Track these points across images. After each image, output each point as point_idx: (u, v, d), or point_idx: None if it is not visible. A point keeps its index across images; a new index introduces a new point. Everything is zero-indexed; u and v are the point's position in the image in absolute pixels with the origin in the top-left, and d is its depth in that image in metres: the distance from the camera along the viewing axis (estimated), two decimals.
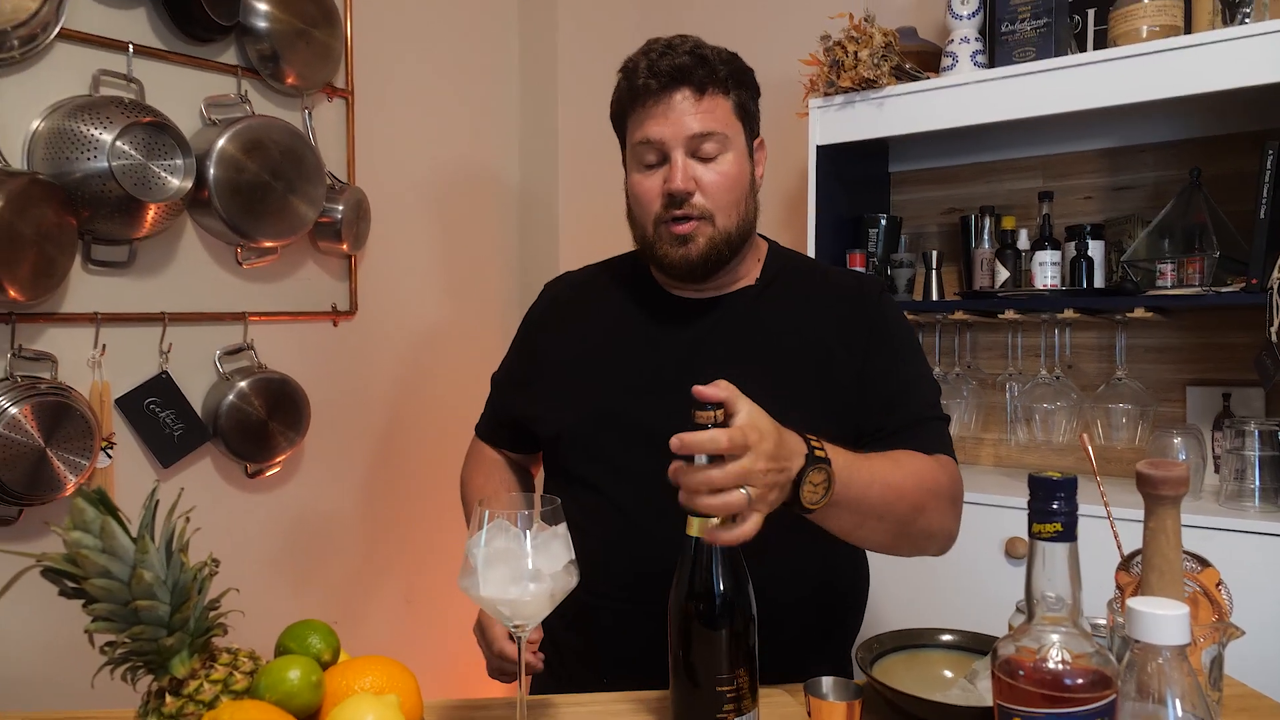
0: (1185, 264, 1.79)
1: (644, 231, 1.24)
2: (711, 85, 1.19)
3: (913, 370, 1.25)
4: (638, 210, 1.24)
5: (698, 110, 1.18)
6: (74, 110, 1.62)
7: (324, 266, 2.17)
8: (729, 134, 1.20)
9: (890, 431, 1.18)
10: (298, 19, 1.98)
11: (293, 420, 2.00)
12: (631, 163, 1.25)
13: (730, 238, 1.21)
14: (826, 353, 1.22)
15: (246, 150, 1.85)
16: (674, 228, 1.19)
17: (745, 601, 0.95)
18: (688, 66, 1.18)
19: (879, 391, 1.20)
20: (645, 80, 1.18)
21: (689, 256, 1.20)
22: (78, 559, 0.71)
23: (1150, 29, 1.75)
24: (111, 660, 0.74)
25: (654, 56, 1.19)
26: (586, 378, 1.28)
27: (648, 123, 1.19)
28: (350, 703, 0.72)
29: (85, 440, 1.61)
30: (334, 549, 2.21)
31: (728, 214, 1.20)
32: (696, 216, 1.19)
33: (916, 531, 1.13)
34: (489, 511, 0.91)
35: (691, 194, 1.18)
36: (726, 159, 1.20)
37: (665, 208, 1.19)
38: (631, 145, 1.23)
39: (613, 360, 1.27)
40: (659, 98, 1.18)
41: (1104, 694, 0.69)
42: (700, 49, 1.20)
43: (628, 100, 1.23)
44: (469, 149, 2.57)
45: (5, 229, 1.46)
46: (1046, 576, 0.72)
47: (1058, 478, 0.71)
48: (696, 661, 0.94)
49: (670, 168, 1.18)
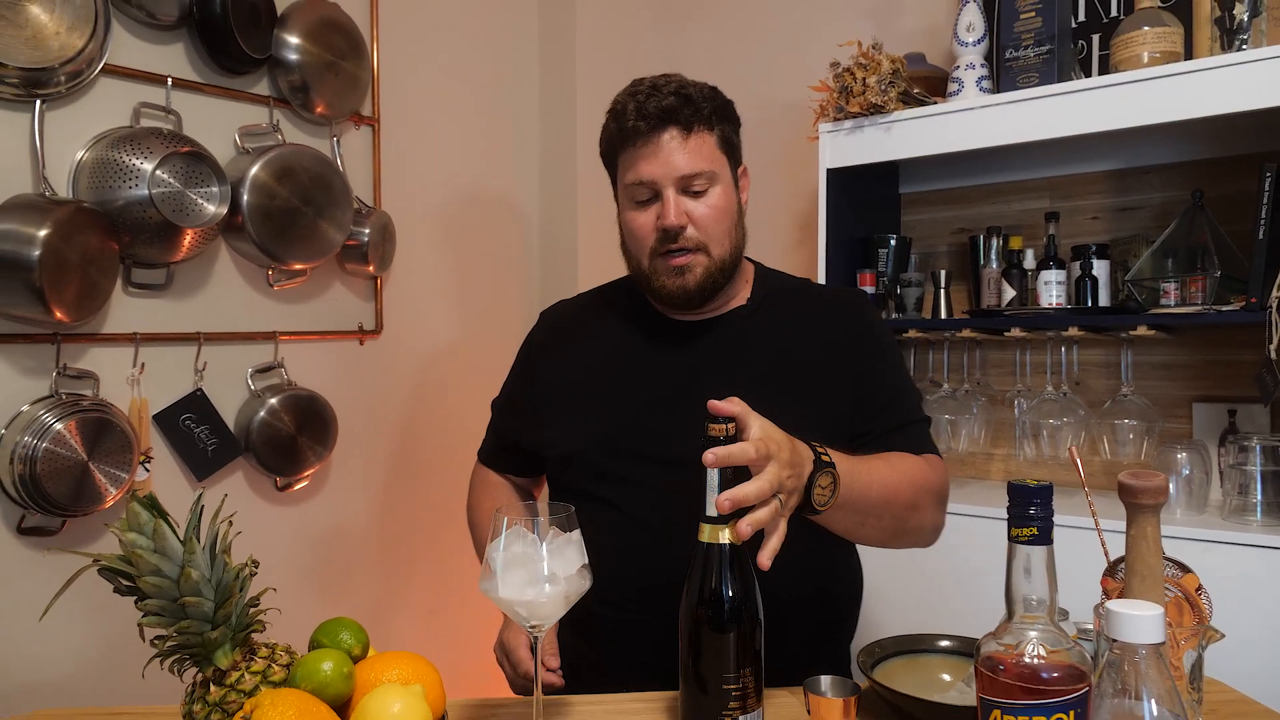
0: (1188, 283, 1.83)
1: (640, 264, 1.30)
2: (697, 123, 1.25)
3: (898, 377, 1.34)
4: (633, 245, 1.31)
5: (686, 149, 1.24)
6: (116, 141, 1.71)
7: (351, 287, 2.25)
8: (716, 169, 1.27)
9: (880, 434, 1.26)
10: (327, 51, 2.07)
11: (321, 435, 2.08)
12: (624, 200, 1.31)
13: (724, 265, 1.28)
14: (819, 364, 1.29)
15: (278, 177, 1.93)
16: (670, 260, 1.26)
17: (752, 605, 1.00)
18: (674, 107, 1.24)
19: (870, 398, 1.28)
20: (635, 122, 1.24)
21: (686, 287, 1.27)
22: (132, 558, 0.77)
23: (1151, 55, 1.80)
24: (161, 652, 0.80)
25: (641, 99, 1.25)
26: (593, 401, 1.33)
27: (639, 163, 1.25)
28: (379, 691, 0.78)
29: (125, 454, 1.69)
30: (360, 559, 2.28)
31: (720, 244, 1.27)
32: (692, 249, 1.25)
33: (911, 527, 1.21)
34: (507, 518, 0.97)
35: (685, 228, 1.25)
36: (715, 192, 1.27)
37: (660, 242, 1.26)
38: (624, 184, 1.30)
39: (617, 383, 1.33)
40: (648, 138, 1.24)
41: (1078, 687, 0.74)
42: (684, 89, 1.27)
43: (618, 141, 1.29)
44: (491, 174, 2.66)
45: (53, 255, 1.55)
46: (1024, 578, 0.77)
47: (1034, 485, 0.76)
48: (704, 661, 0.99)
49: (663, 205, 1.25)
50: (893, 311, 2.20)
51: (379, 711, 0.76)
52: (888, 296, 2.19)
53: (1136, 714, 0.75)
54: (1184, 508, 1.82)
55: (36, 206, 1.57)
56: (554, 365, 1.41)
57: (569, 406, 1.35)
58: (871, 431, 1.26)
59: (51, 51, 1.62)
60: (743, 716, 0.99)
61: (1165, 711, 0.75)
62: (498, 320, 2.65)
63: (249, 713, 0.74)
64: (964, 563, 1.93)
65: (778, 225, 2.61)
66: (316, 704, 0.76)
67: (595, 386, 1.34)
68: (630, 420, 1.29)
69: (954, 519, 1.94)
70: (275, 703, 0.74)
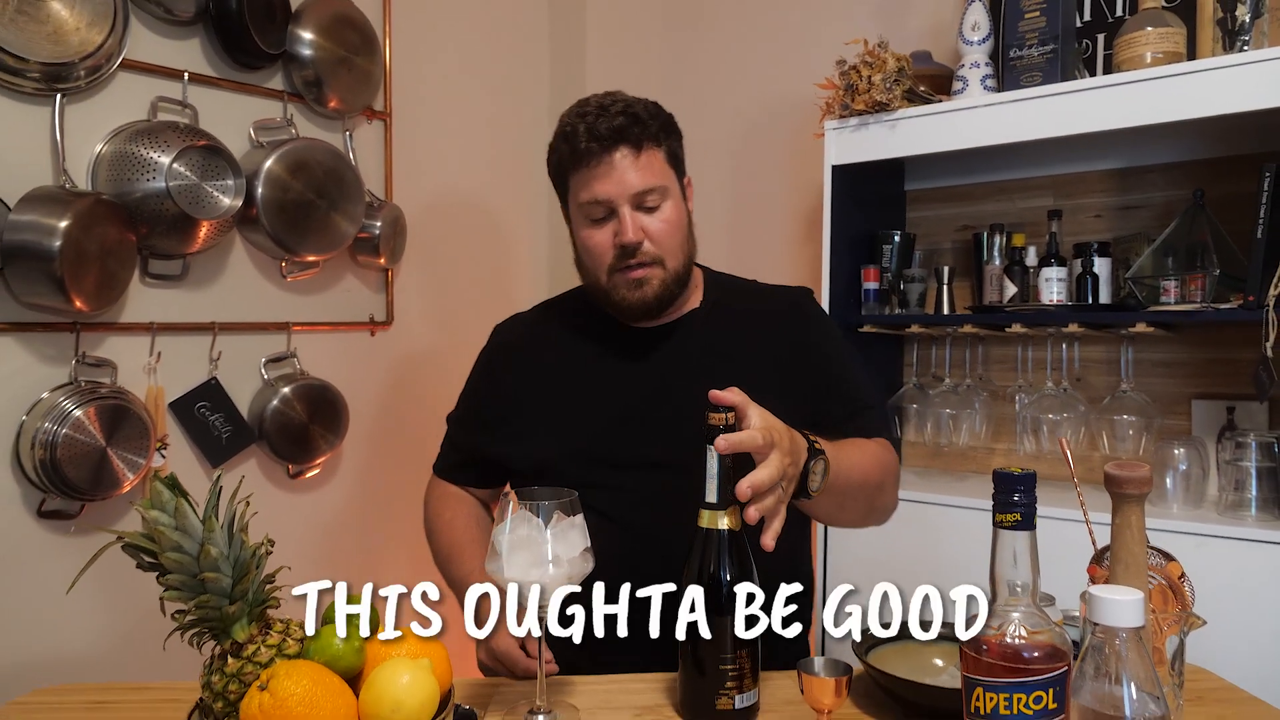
0: (1188, 281, 1.85)
1: (598, 280, 1.34)
2: (646, 140, 1.30)
3: (850, 365, 1.40)
4: (590, 261, 1.34)
5: (637, 167, 1.29)
6: (134, 135, 1.75)
7: (362, 279, 2.29)
8: (667, 184, 1.32)
9: (839, 419, 1.32)
10: (340, 47, 2.11)
11: (332, 425, 2.12)
12: (579, 219, 1.35)
13: (679, 275, 1.34)
14: (777, 358, 1.35)
15: (292, 171, 1.97)
16: (629, 274, 1.30)
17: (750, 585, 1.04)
18: (624, 126, 1.28)
19: (827, 385, 1.35)
20: (587, 144, 1.28)
21: (646, 299, 1.32)
22: (154, 535, 0.81)
23: (1154, 55, 1.82)
24: (181, 626, 0.84)
25: (590, 119, 1.29)
26: (560, 411, 1.37)
27: (593, 183, 1.29)
28: (388, 664, 0.81)
29: (142, 441, 1.73)
30: (370, 547, 2.32)
31: (675, 256, 1.33)
32: (649, 262, 1.30)
33: (877, 506, 1.30)
34: (513, 502, 1.01)
35: (641, 243, 1.29)
36: (667, 206, 1.32)
37: (619, 259, 1.30)
38: (578, 204, 1.33)
39: (583, 393, 1.37)
40: (601, 158, 1.28)
41: (1057, 665, 0.77)
42: (631, 108, 1.31)
43: (569, 162, 1.32)
44: (500, 168, 2.69)
45: (73, 245, 1.59)
46: (1008, 562, 0.80)
47: (1018, 472, 0.79)
48: (702, 643, 1.03)
49: (620, 222, 1.29)
50: (896, 307, 2.23)
51: (388, 683, 0.79)
52: (891, 292, 2.22)
53: (1116, 696, 0.78)
54: (1181, 503, 1.84)
55: (57, 198, 1.61)
56: (517, 378, 1.43)
57: (536, 418, 1.38)
58: (831, 416, 1.32)
59: (72, 47, 1.66)
60: (739, 696, 1.03)
61: (1145, 694, 0.77)
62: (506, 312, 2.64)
63: (265, 682, 0.77)
64: (963, 553, 1.96)
65: (783, 221, 2.64)
66: (330, 675, 0.80)
67: (561, 397, 1.38)
68: (601, 428, 1.33)
69: (954, 511, 1.99)
70: (290, 673, 0.78)
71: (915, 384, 2.32)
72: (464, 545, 1.41)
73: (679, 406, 1.31)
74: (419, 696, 0.79)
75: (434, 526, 1.49)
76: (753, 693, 1.05)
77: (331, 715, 0.77)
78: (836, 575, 2.12)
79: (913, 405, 2.25)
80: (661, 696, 1.12)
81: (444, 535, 1.45)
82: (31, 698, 1.14)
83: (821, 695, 0.95)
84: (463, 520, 1.46)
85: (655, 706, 1.09)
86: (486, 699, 1.12)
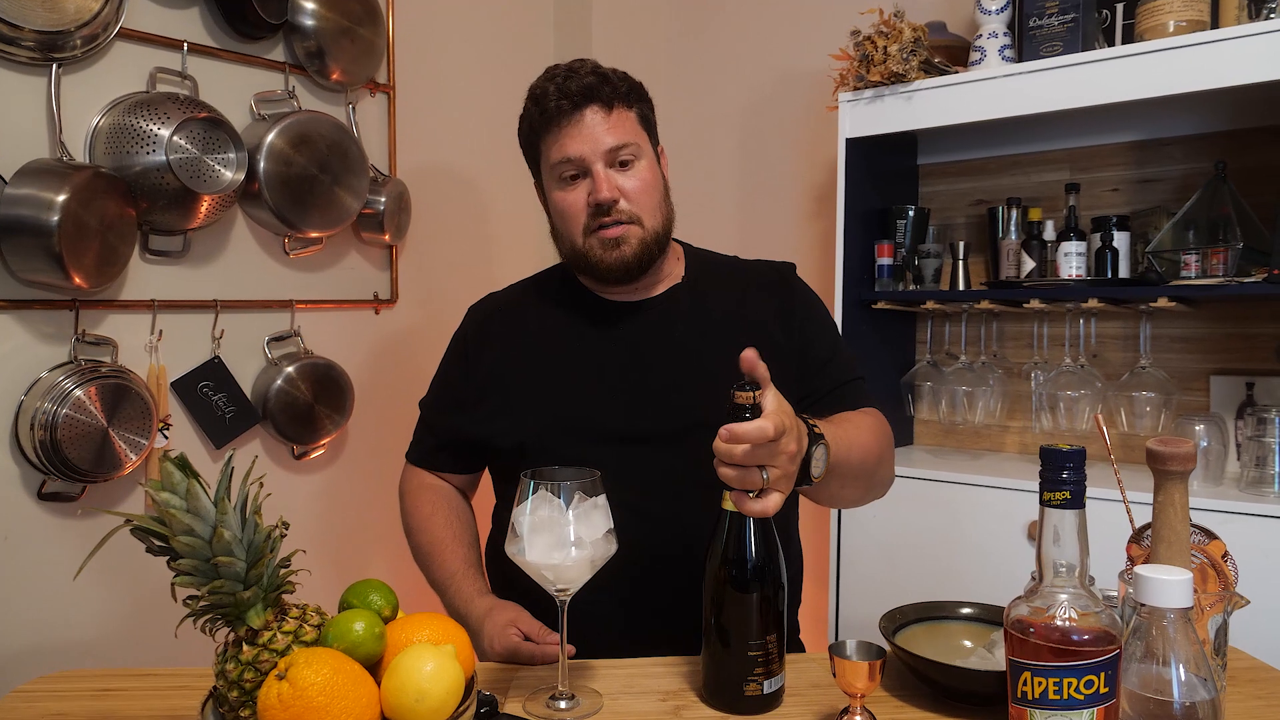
0: (1209, 255, 1.81)
1: (573, 244, 1.31)
2: (617, 100, 1.28)
3: (835, 338, 1.39)
4: (563, 225, 1.31)
5: (609, 124, 1.27)
6: (133, 106, 1.70)
7: (367, 256, 2.24)
8: (639, 142, 1.30)
9: (826, 392, 1.31)
10: (343, 17, 2.05)
11: (337, 404, 2.08)
12: (551, 181, 1.32)
13: (658, 237, 1.30)
14: (763, 332, 1.32)
15: (294, 144, 1.92)
16: (604, 233, 1.27)
17: (775, 571, 1.02)
18: (594, 85, 1.27)
19: (814, 359, 1.33)
20: (557, 102, 1.26)
21: (624, 258, 1.28)
22: (165, 518, 0.77)
23: (1177, 24, 1.77)
24: (194, 612, 0.80)
25: (560, 80, 1.27)
26: (541, 388, 1.33)
27: (565, 142, 1.27)
28: (411, 650, 0.78)
29: (144, 421, 1.70)
30: (377, 527, 2.29)
31: (652, 216, 1.29)
32: (626, 221, 1.27)
33: (878, 481, 1.28)
34: (534, 482, 0.98)
35: (617, 201, 1.26)
36: (642, 165, 1.29)
37: (593, 217, 1.27)
38: (549, 165, 1.30)
39: (564, 368, 1.33)
40: (571, 116, 1.26)
41: (1108, 649, 0.74)
42: (599, 70, 1.29)
43: (540, 124, 1.30)
44: (507, 142, 2.63)
45: (72, 220, 1.54)
46: (1056, 542, 0.77)
47: (1067, 449, 0.76)
48: (729, 627, 1.01)
49: (594, 179, 1.26)
50: (910, 283, 2.19)
51: (411, 670, 0.76)
52: (905, 268, 2.18)
53: (1164, 678, 0.75)
54: (1201, 480, 1.82)
55: (54, 172, 1.57)
56: (494, 357, 1.38)
57: (516, 395, 1.34)
58: (817, 390, 1.32)
59: (67, 15, 1.61)
60: (767, 680, 1.00)
61: (1193, 676, 0.75)
62: None
63: (283, 670, 0.74)
64: (980, 532, 1.94)
65: (794, 196, 2.60)
66: (350, 663, 0.77)
67: (541, 373, 1.34)
68: (583, 403, 1.29)
69: (969, 490, 1.97)
70: (310, 661, 0.74)
71: (929, 361, 2.28)
72: (445, 542, 1.38)
73: (664, 380, 1.29)
74: (444, 684, 0.76)
75: (412, 523, 1.45)
76: (779, 676, 1.03)
77: (354, 705, 0.74)
78: (849, 554, 2.10)
79: (926, 383, 2.22)
80: (683, 680, 1.09)
81: (424, 533, 1.41)
82: (35, 685, 1.11)
83: (855, 679, 0.92)
84: (442, 515, 1.41)
85: (679, 691, 1.07)
86: (506, 685, 1.09)
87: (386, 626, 0.84)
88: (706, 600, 1.03)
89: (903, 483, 2.03)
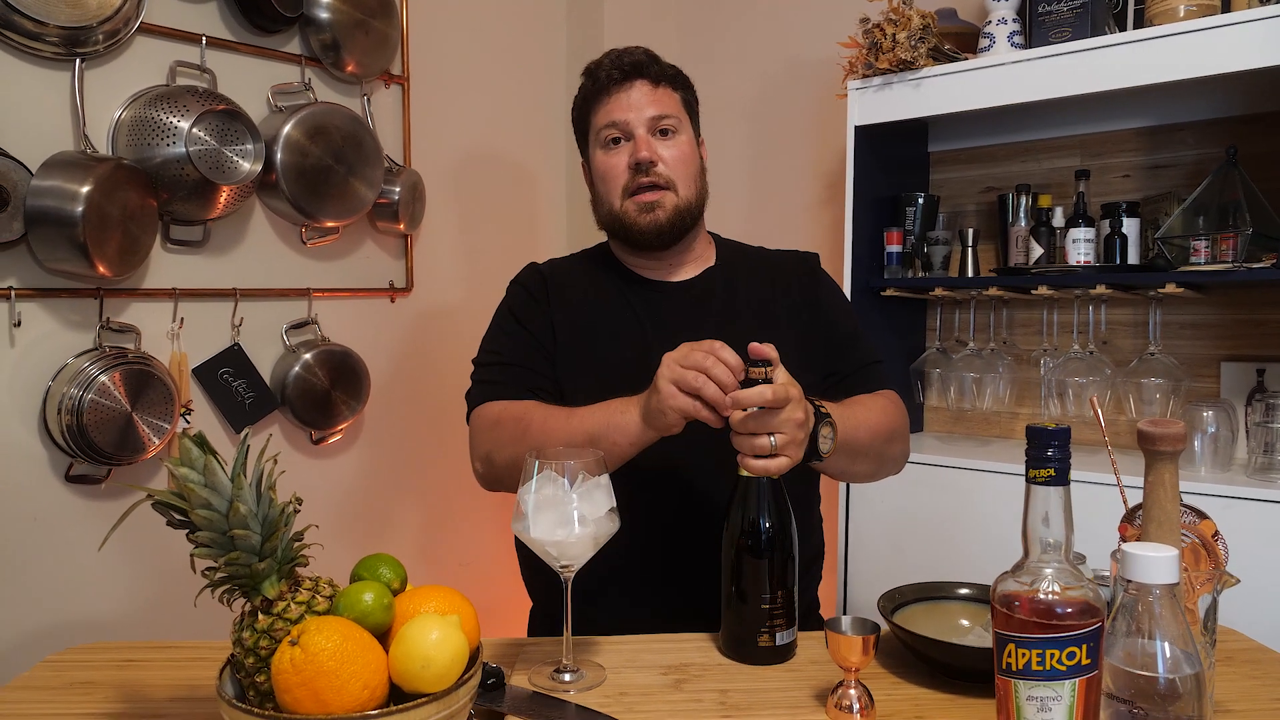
0: (1219, 240, 1.81)
1: (610, 207, 1.39)
2: (664, 80, 1.40)
3: (856, 325, 1.46)
4: (604, 188, 1.39)
5: (655, 95, 1.38)
6: (154, 99, 1.74)
7: (382, 245, 2.28)
8: (681, 119, 1.41)
9: (847, 374, 1.41)
10: (357, 10, 2.09)
11: (354, 390, 2.13)
12: (595, 147, 1.41)
13: (691, 207, 1.38)
14: (792, 314, 1.41)
15: (310, 135, 1.96)
16: (640, 197, 1.35)
17: (785, 533, 1.10)
18: (644, 62, 1.39)
19: (835, 343, 1.41)
20: (609, 73, 1.38)
21: (658, 221, 1.35)
22: (184, 492, 0.81)
23: (1188, 8, 1.77)
24: (212, 583, 0.84)
25: (614, 57, 1.40)
26: (586, 348, 1.39)
27: (612, 107, 1.38)
28: (418, 620, 0.81)
29: (166, 406, 1.74)
30: (393, 512, 2.33)
31: (687, 185, 1.38)
32: (662, 185, 1.35)
33: (889, 458, 1.38)
34: (538, 462, 1.01)
35: (655, 164, 1.36)
36: (681, 139, 1.39)
37: (632, 178, 1.35)
38: (596, 131, 1.40)
39: (605, 337, 1.40)
40: (621, 86, 1.38)
41: (1091, 622, 0.76)
42: (651, 53, 1.41)
43: (592, 94, 1.41)
44: (519, 132, 2.67)
45: (95, 211, 1.59)
46: (1041, 518, 0.79)
47: (1052, 428, 0.78)
48: (742, 582, 1.10)
49: (635, 142, 1.36)
50: (919, 270, 2.20)
51: (418, 638, 0.79)
52: (914, 255, 2.20)
53: (1150, 653, 0.77)
54: (1209, 465, 1.82)
55: (78, 164, 1.61)
56: (558, 309, 1.42)
57: (563, 352, 1.39)
58: (839, 371, 1.40)
59: (90, 10, 1.65)
60: (779, 633, 1.09)
61: (1179, 651, 0.77)
62: None
63: (296, 637, 0.78)
64: (988, 517, 1.96)
65: (804, 183, 2.61)
66: (360, 631, 0.80)
67: (587, 334, 1.40)
68: (623, 370, 1.31)
69: (978, 475, 1.98)
70: (321, 628, 0.78)
71: (938, 348, 2.30)
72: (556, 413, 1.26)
73: None
74: (449, 652, 0.80)
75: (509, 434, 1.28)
76: (791, 631, 1.11)
77: (363, 670, 0.77)
78: (858, 537, 2.12)
79: (936, 370, 2.24)
80: (686, 655, 1.12)
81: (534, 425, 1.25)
82: (63, 656, 1.16)
83: (849, 654, 0.94)
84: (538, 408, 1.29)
85: (681, 665, 1.10)
86: (513, 658, 1.12)
87: (395, 598, 0.87)
88: (724, 559, 1.12)
89: (912, 468, 2.04)
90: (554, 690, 1.03)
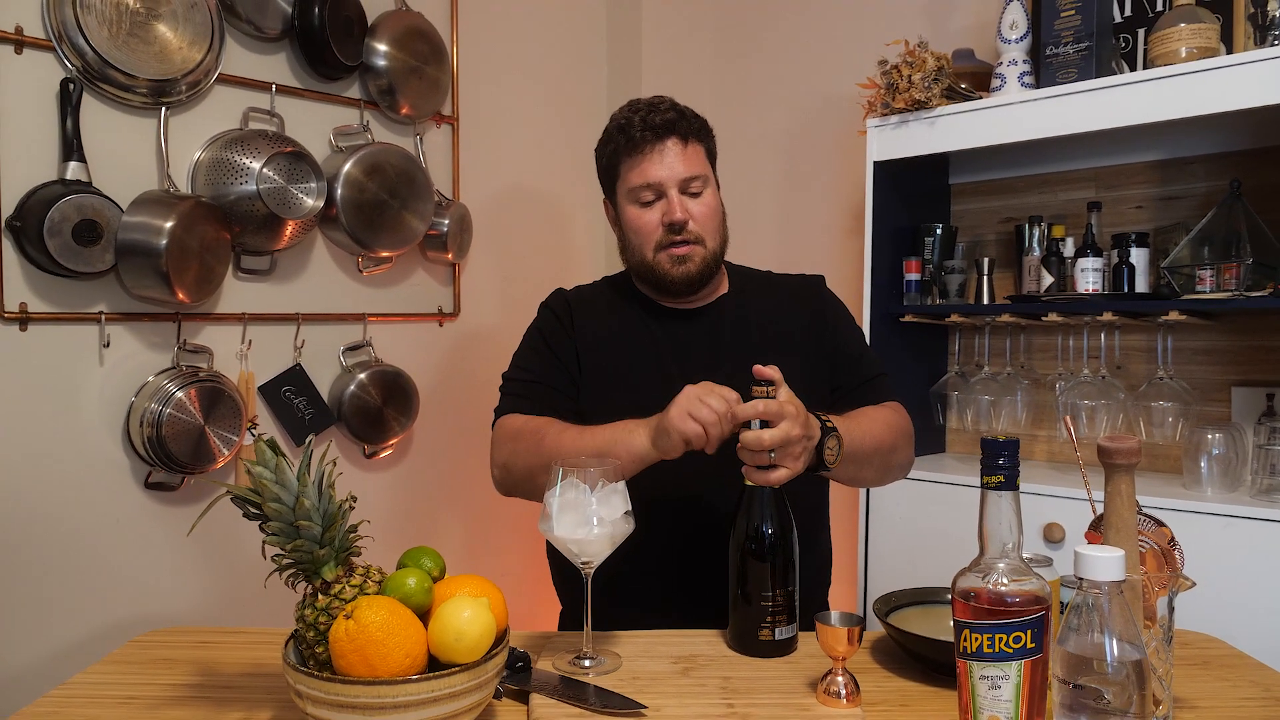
0: (1223, 270, 1.89)
1: (643, 258, 1.49)
2: (691, 135, 1.48)
3: (861, 340, 1.59)
4: (637, 240, 1.49)
5: (685, 156, 1.46)
6: (228, 142, 1.93)
7: (431, 273, 2.45)
8: (707, 174, 1.50)
9: (853, 387, 1.50)
10: (412, 57, 2.26)
11: (404, 408, 2.29)
12: (627, 203, 1.50)
13: (716, 257, 1.50)
14: (800, 333, 1.52)
15: (368, 173, 2.14)
16: (673, 250, 1.45)
17: (785, 538, 1.22)
18: (674, 120, 1.46)
19: (842, 359, 1.53)
20: (641, 133, 1.45)
21: (689, 273, 1.47)
22: (258, 487, 0.96)
23: (1189, 50, 1.86)
24: (280, 567, 0.99)
25: (644, 114, 1.46)
26: (609, 372, 1.50)
27: (646, 167, 1.46)
28: (453, 601, 0.95)
29: (235, 420, 1.91)
30: (438, 522, 2.49)
31: (713, 237, 1.49)
32: (692, 240, 1.46)
33: (893, 465, 1.46)
34: (563, 469, 1.14)
35: (687, 223, 1.44)
36: (709, 194, 1.50)
37: (666, 235, 1.45)
38: (628, 187, 1.48)
39: (626, 361, 1.51)
40: (653, 145, 1.46)
41: (1035, 609, 0.87)
42: (678, 106, 1.49)
43: (624, 149, 1.48)
44: (561, 169, 2.83)
45: (177, 243, 1.77)
46: (993, 519, 0.91)
47: (1002, 439, 0.90)
48: (745, 581, 1.22)
49: (669, 203, 1.46)
50: (935, 297, 2.30)
51: (452, 616, 0.93)
52: (932, 283, 2.29)
53: (1098, 643, 0.87)
54: (1215, 485, 1.89)
55: (162, 201, 1.80)
56: (581, 336, 1.53)
57: (592, 375, 1.51)
58: (846, 385, 1.52)
59: (175, 65, 1.84)
60: (779, 629, 1.21)
61: (1125, 644, 0.87)
62: None
63: (350, 612, 0.92)
64: None
65: (830, 214, 2.73)
66: (404, 609, 0.94)
67: (610, 359, 1.51)
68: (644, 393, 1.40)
69: None
70: (371, 605, 0.92)
71: (957, 372, 2.39)
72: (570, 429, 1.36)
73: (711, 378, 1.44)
74: (478, 629, 0.93)
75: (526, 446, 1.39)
76: (790, 627, 1.22)
77: (405, 641, 0.91)
78: (878, 553, 2.21)
79: (955, 393, 2.33)
80: (696, 648, 1.24)
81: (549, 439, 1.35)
82: (148, 637, 1.32)
83: (835, 643, 1.06)
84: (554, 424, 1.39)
85: (690, 656, 1.22)
86: (539, 648, 1.25)
87: (435, 584, 1.01)
88: (730, 561, 1.24)
89: (932, 487, 2.14)
90: (574, 674, 1.15)
